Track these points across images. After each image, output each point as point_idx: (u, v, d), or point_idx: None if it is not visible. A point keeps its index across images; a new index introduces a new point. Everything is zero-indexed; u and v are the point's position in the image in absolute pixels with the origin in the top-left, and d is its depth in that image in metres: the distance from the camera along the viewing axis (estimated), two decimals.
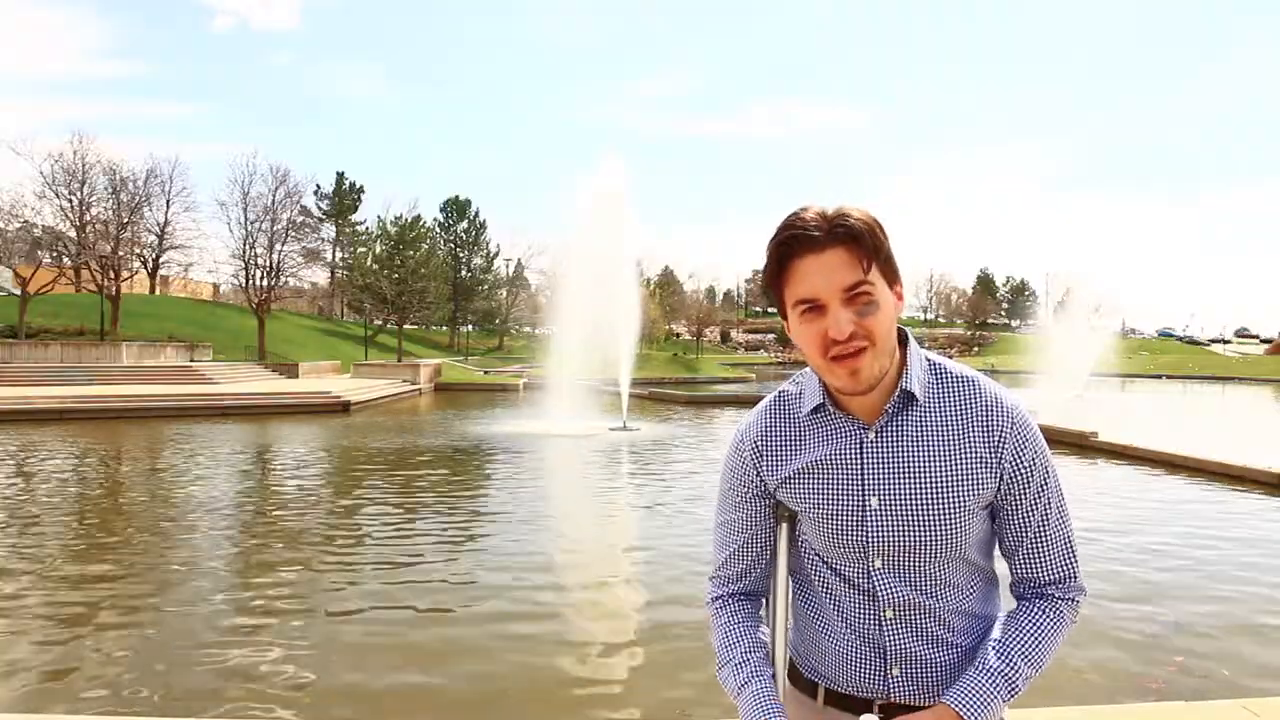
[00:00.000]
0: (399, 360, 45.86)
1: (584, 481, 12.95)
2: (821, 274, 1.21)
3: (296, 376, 34.84)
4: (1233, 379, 53.57)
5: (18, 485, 11.45)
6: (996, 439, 1.30)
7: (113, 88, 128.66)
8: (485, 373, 44.84)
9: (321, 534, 8.58)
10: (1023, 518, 1.33)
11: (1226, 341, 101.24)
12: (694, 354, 64.93)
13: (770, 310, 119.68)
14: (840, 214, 1.22)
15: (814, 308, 1.22)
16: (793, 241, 1.22)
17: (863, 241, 1.21)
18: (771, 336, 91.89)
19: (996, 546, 1.42)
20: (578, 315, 21.91)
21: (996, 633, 1.35)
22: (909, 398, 1.31)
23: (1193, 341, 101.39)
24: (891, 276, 1.26)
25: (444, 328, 77.96)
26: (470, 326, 78.31)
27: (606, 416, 19.83)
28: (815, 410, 1.36)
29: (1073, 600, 1.36)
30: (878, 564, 1.32)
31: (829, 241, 1.20)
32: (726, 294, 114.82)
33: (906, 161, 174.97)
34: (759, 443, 1.41)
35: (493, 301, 79.81)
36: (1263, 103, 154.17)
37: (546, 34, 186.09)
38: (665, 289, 71.30)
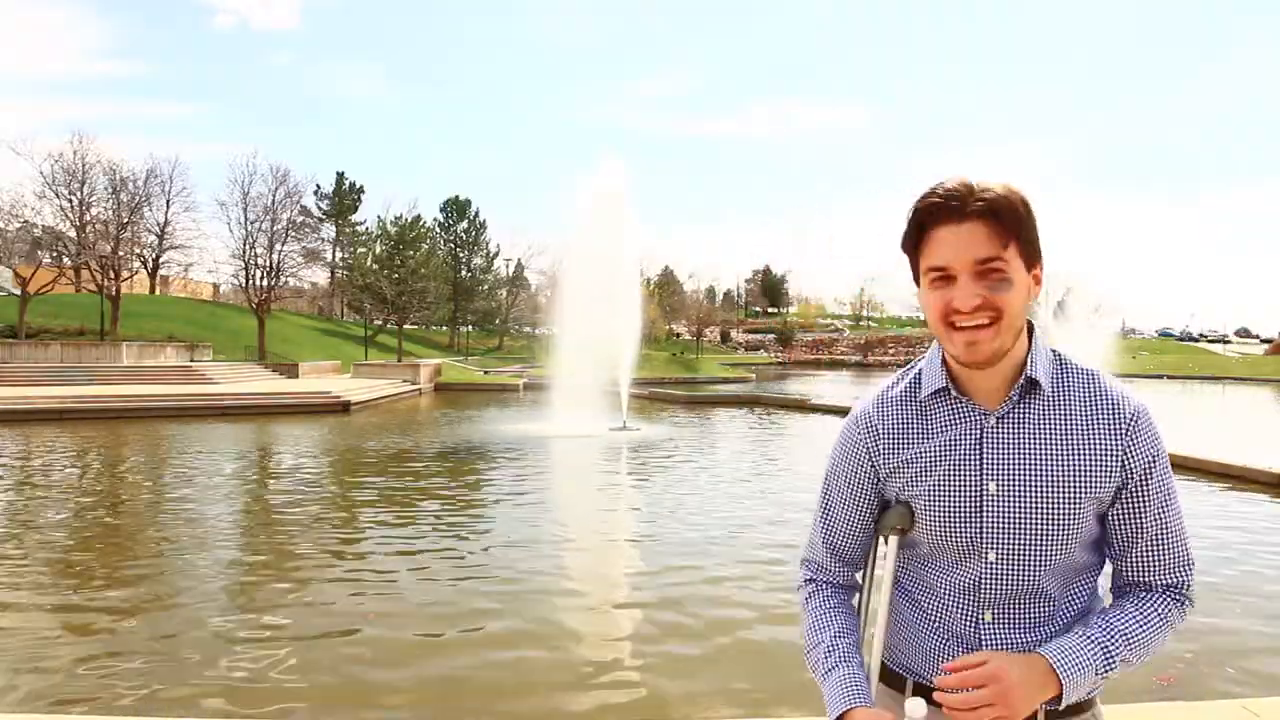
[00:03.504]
0: (399, 360, 45.82)
1: (585, 483, 12.95)
2: (956, 245, 1.20)
3: (296, 376, 34.80)
4: (1233, 379, 53.53)
5: (17, 486, 11.44)
6: (1123, 435, 1.27)
7: (113, 87, 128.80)
8: (485, 373, 44.80)
9: (320, 535, 8.58)
10: (1141, 518, 1.30)
11: (1227, 341, 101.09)
12: (694, 354, 64.89)
13: (770, 310, 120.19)
14: (985, 187, 1.20)
15: (944, 276, 1.22)
16: (933, 209, 1.22)
17: (1003, 217, 1.20)
18: (771, 336, 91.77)
19: (1101, 554, 1.37)
20: (578, 316, 21.90)
21: (1104, 611, 1.32)
22: (1032, 384, 1.29)
23: (1192, 340, 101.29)
24: (1031, 257, 1.25)
25: (444, 328, 77.91)
26: (470, 326, 78.26)
27: (606, 417, 19.83)
28: (936, 394, 1.34)
29: (1182, 604, 1.33)
30: (991, 557, 1.30)
31: (968, 214, 1.20)
32: (726, 294, 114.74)
33: (906, 161, 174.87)
34: (875, 426, 1.39)
35: (493, 301, 79.76)
36: (1263, 103, 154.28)
37: (546, 34, 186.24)
38: (665, 289, 71.27)
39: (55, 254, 43.01)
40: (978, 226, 1.19)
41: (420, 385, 34.88)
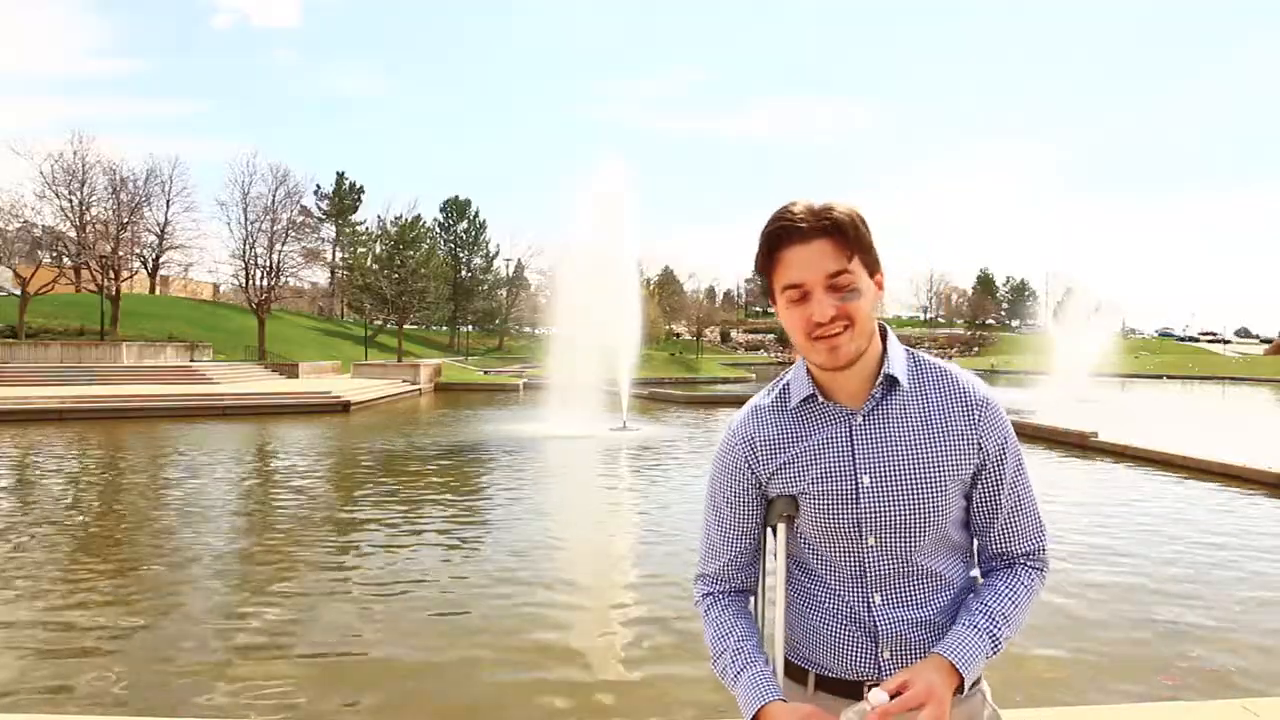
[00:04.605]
0: (399, 360, 45.86)
1: (585, 483, 12.95)
2: (807, 262, 1.31)
3: (296, 376, 34.81)
4: (1233, 379, 53.54)
5: (17, 486, 11.45)
6: (975, 421, 1.40)
7: (112, 86, 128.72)
8: (485, 373, 44.81)
9: (319, 536, 8.58)
10: (998, 495, 1.43)
11: (1227, 341, 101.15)
12: (694, 354, 64.90)
13: (770, 310, 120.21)
14: (826, 208, 1.32)
15: (799, 292, 1.32)
16: (781, 232, 1.32)
17: (846, 233, 1.31)
18: (771, 336, 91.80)
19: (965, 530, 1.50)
20: (578, 315, 21.89)
21: (980, 594, 1.42)
22: (892, 382, 1.41)
23: (1192, 340, 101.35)
24: (872, 266, 1.36)
25: (444, 328, 77.99)
26: (470, 326, 78.32)
27: (606, 417, 19.82)
28: (804, 401, 1.44)
29: (1042, 571, 1.47)
30: (871, 542, 1.40)
31: (814, 233, 1.30)
32: (726, 294, 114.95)
33: (907, 161, 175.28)
34: (751, 436, 1.48)
35: (493, 301, 79.84)
36: (1264, 103, 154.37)
37: (546, 34, 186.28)
38: (665, 289, 71.35)
39: (55, 254, 43.10)
40: (824, 244, 1.30)
41: (420, 385, 34.89)
